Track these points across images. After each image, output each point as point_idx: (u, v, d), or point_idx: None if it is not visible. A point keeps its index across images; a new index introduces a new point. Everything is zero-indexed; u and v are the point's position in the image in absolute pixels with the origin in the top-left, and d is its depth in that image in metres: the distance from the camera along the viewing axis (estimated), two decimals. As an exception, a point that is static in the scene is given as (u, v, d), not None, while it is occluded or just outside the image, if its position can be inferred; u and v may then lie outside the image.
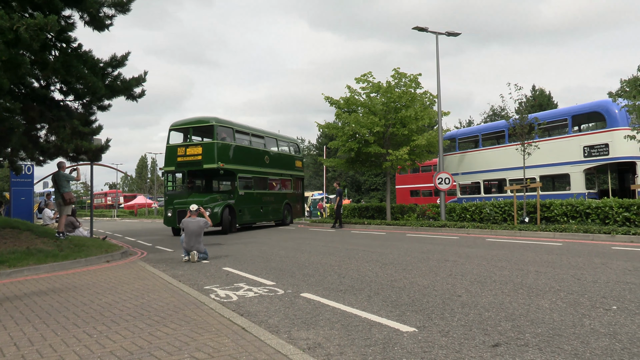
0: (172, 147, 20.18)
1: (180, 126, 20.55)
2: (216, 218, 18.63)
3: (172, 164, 19.99)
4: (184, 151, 19.75)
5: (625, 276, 6.77)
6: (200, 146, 19.73)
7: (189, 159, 19.62)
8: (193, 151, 19.62)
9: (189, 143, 19.93)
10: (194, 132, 20.19)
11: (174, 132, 20.61)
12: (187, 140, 20.26)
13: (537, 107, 44.34)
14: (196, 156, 19.53)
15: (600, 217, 14.14)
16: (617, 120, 17.31)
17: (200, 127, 20.23)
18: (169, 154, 20.09)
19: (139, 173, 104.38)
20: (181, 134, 20.67)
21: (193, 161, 19.60)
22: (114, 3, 12.14)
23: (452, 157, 24.60)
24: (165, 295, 6.30)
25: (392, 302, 5.61)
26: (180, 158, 19.74)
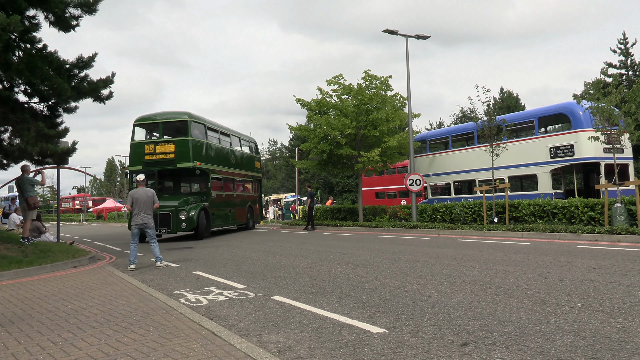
0: (138, 144, 18.40)
1: (148, 121, 18.73)
2: (192, 222, 17.38)
3: (138, 162, 18.17)
4: (153, 149, 18.10)
5: (590, 274, 6.95)
6: (172, 143, 18.20)
7: (159, 157, 18.01)
8: (164, 149, 18.05)
9: (159, 140, 18.30)
10: (164, 128, 18.60)
11: (140, 127, 18.82)
12: (154, 137, 18.69)
13: (505, 109, 45.23)
14: (168, 154, 17.99)
15: (567, 217, 14.50)
16: (582, 122, 17.79)
17: (171, 122, 18.59)
18: (135, 151, 18.34)
19: (108, 176, 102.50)
20: (148, 130, 19.09)
21: (164, 160, 17.99)
22: (80, 3, 11.92)
23: (422, 159, 24.88)
24: (133, 301, 6.18)
25: (362, 304, 5.63)
26: (149, 156, 18.07)
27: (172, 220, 17.00)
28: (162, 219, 16.90)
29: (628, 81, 35.04)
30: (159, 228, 16.69)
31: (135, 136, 18.56)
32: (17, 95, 12.51)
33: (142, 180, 10.57)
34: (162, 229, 16.94)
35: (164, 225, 16.97)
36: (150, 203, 10.30)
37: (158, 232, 16.27)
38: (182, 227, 17.08)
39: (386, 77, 21.16)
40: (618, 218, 12.65)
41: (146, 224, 10.22)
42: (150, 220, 10.26)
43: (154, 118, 18.64)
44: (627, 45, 36.57)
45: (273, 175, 74.63)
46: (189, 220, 17.24)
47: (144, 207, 10.19)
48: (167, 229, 17.03)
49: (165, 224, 17.01)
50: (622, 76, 35.87)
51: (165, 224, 17.01)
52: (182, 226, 17.07)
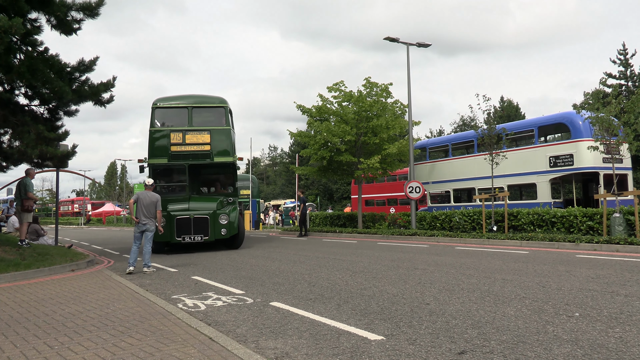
0: (161, 133, 15.24)
1: (173, 105, 15.68)
2: (233, 228, 14.65)
3: (162, 154, 14.99)
4: (182, 138, 15.04)
5: (588, 284, 6.94)
6: (207, 133, 15.23)
7: (189, 148, 15.05)
8: (196, 139, 15.10)
9: (190, 128, 15.20)
10: (195, 114, 15.48)
11: (162, 111, 15.67)
12: (182, 123, 15.42)
13: (506, 118, 45.32)
14: (201, 146, 15.11)
15: (565, 226, 14.49)
16: (581, 132, 17.83)
17: (204, 108, 15.75)
18: (157, 141, 15.11)
19: (108, 180, 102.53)
20: (171, 116, 15.93)
21: (197, 152, 15.09)
22: (82, 7, 11.96)
23: (422, 166, 24.90)
24: (131, 305, 6.17)
25: (361, 311, 5.62)
26: (176, 147, 14.99)
27: (210, 225, 14.33)
28: (197, 224, 14.21)
29: (627, 92, 35.14)
30: (192, 235, 14.12)
31: (156, 122, 15.47)
32: (18, 97, 12.54)
33: (151, 185, 10.73)
34: (198, 235, 14.19)
35: (200, 232, 14.22)
36: (151, 207, 10.34)
37: (192, 239, 14.08)
38: (221, 233, 14.43)
39: (387, 85, 21.21)
40: (617, 228, 12.65)
41: (146, 227, 10.26)
42: (150, 224, 10.30)
43: (181, 101, 15.65)
44: (626, 56, 36.70)
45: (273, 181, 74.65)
46: (229, 225, 14.61)
47: (145, 210, 10.25)
48: (204, 236, 14.23)
49: (202, 229, 14.25)
50: (621, 86, 35.95)
51: (201, 230, 14.24)
52: (221, 232, 14.42)
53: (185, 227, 14.01)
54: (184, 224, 14.00)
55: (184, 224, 14.03)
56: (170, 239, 13.99)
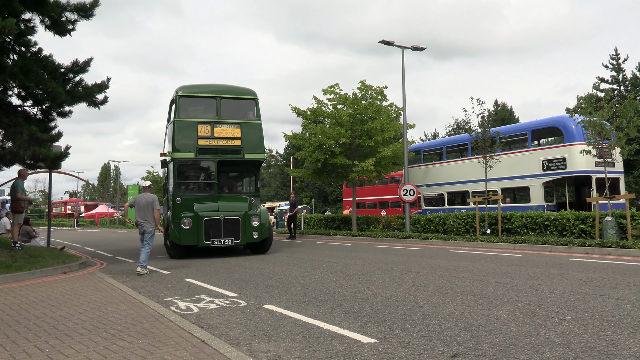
0: (187, 124, 13.75)
1: (199, 94, 14.42)
2: (265, 231, 13.58)
3: (188, 148, 13.63)
4: (210, 131, 13.73)
5: (580, 287, 6.97)
6: (237, 126, 14.05)
7: (219, 143, 13.78)
8: (226, 132, 13.85)
9: (219, 120, 13.97)
10: (224, 107, 14.22)
11: (187, 100, 14.21)
12: (209, 114, 14.23)
13: (500, 122, 45.50)
14: (231, 140, 13.90)
15: (558, 229, 14.56)
16: (574, 136, 17.93)
17: (234, 99, 14.52)
18: (183, 133, 13.65)
19: (102, 182, 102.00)
20: (199, 106, 14.66)
21: (226, 147, 13.85)
22: (77, 8, 11.93)
23: (417, 169, 24.96)
24: (123, 308, 6.14)
25: (354, 314, 5.61)
26: (204, 141, 13.67)
27: (242, 227, 13.14)
28: (228, 227, 13.00)
29: (620, 96, 35.38)
30: (223, 238, 12.92)
31: (181, 112, 13.91)
32: (11, 98, 12.49)
33: (148, 187, 10.92)
34: (228, 239, 12.97)
35: (230, 235, 13.01)
36: (147, 209, 10.43)
37: (222, 243, 12.95)
38: (253, 236, 13.24)
39: (382, 88, 21.25)
40: (609, 231, 12.72)
41: (143, 228, 10.47)
42: (147, 225, 10.42)
43: (209, 90, 14.47)
44: (618, 61, 36.96)
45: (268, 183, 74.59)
46: (261, 228, 13.42)
47: (140, 212, 10.41)
48: (235, 239, 13.06)
49: (232, 232, 13.05)
50: (613, 91, 36.21)
51: (232, 233, 13.03)
52: (253, 236, 13.23)
53: (214, 229, 12.88)
54: (213, 225, 12.89)
55: (213, 226, 12.89)
56: (198, 243, 12.81)
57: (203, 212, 12.94)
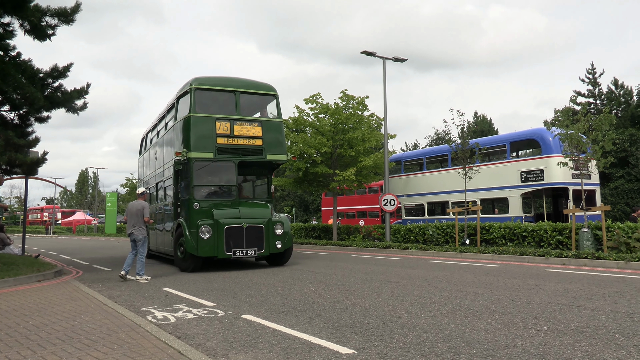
0: (205, 120, 12.43)
1: (218, 87, 12.98)
2: (289, 241, 12.55)
3: (206, 147, 12.30)
4: (230, 128, 12.52)
5: (557, 297, 7.06)
6: (258, 124, 12.96)
7: (239, 142, 12.59)
8: (246, 131, 12.70)
9: (239, 117, 12.77)
10: (243, 102, 13.09)
11: (203, 93, 12.84)
12: (227, 110, 12.97)
13: (479, 133, 46.09)
14: (252, 140, 12.74)
15: (536, 240, 14.75)
16: (552, 148, 18.24)
17: (253, 94, 13.41)
18: (200, 129, 12.34)
19: (79, 188, 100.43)
20: (216, 101, 13.32)
21: (247, 147, 12.68)
22: (57, 12, 11.79)
23: (397, 179, 25.10)
24: (98, 317, 6.03)
25: (333, 324, 5.60)
26: (224, 139, 12.42)
27: (265, 236, 12.02)
28: (250, 236, 11.85)
29: (596, 110, 36.14)
30: (245, 248, 11.78)
31: (197, 107, 12.54)
32: (-13, 103, 12.24)
33: (141, 194, 10.94)
34: (251, 249, 11.85)
35: (253, 244, 11.87)
36: (137, 216, 10.46)
37: (244, 254, 11.78)
38: (276, 246, 12.19)
39: (363, 98, 21.38)
40: (585, 243, 12.93)
41: (133, 236, 10.51)
42: (137, 232, 10.46)
43: (227, 84, 13.08)
44: (595, 75, 37.78)
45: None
46: (284, 237, 12.35)
47: (131, 219, 10.50)
48: (258, 250, 11.93)
49: (256, 242, 11.90)
50: (590, 105, 36.97)
51: (254, 243, 11.89)
52: (276, 245, 12.17)
53: (235, 238, 11.65)
54: (235, 234, 11.66)
55: (235, 235, 11.66)
56: (217, 254, 11.53)
57: (224, 220, 11.67)
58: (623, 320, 5.47)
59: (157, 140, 16.07)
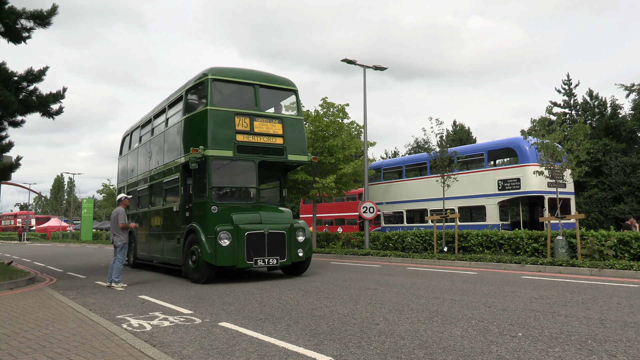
0: (224, 114, 11.36)
1: (236, 78, 11.87)
2: (310, 249, 11.67)
3: (225, 144, 11.23)
4: (249, 125, 11.50)
5: (532, 304, 7.16)
6: (279, 121, 12.00)
7: (260, 140, 11.60)
8: (266, 128, 11.75)
9: (259, 112, 11.85)
10: (262, 96, 12.09)
11: (221, 85, 11.79)
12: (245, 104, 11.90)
13: (458, 142, 46.63)
14: (273, 138, 11.78)
15: (512, 248, 14.95)
16: (528, 157, 18.56)
17: (272, 88, 12.39)
18: (218, 125, 11.24)
19: (55, 194, 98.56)
20: (234, 94, 12.23)
21: (268, 146, 11.70)
22: (33, 15, 11.63)
23: (377, 187, 25.22)
24: (72, 326, 5.91)
25: (310, 331, 5.58)
26: (243, 137, 11.39)
27: (287, 244, 11.12)
28: (272, 243, 10.91)
29: (571, 120, 36.89)
30: (266, 257, 10.78)
31: (215, 99, 11.45)
32: (-41, 106, 11.97)
33: (118, 200, 10.84)
34: (273, 257, 10.85)
35: (275, 252, 10.90)
36: (113, 223, 10.42)
37: (266, 263, 10.82)
38: (298, 255, 11.29)
39: (343, 105, 21.48)
40: (560, 250, 13.15)
41: (113, 242, 10.41)
42: (116, 239, 10.35)
43: (245, 76, 11.99)
44: (570, 86, 38.59)
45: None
46: (306, 244, 11.48)
47: (111, 225, 10.49)
48: (280, 258, 10.96)
49: (278, 250, 10.96)
50: (565, 115, 37.71)
51: (276, 251, 10.94)
52: (298, 254, 11.28)
53: (257, 246, 10.68)
54: (256, 241, 10.70)
55: (256, 242, 10.69)
56: (237, 263, 10.51)
57: (244, 225, 10.68)
58: (595, 327, 5.57)
59: (151, 137, 14.72)
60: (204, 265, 10.55)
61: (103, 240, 42.18)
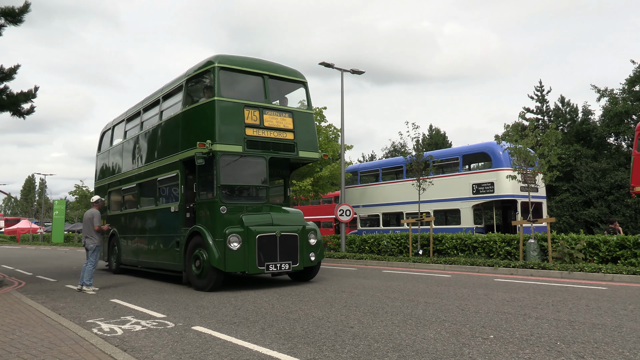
0: (232, 106, 10.42)
1: (245, 67, 10.96)
2: (322, 253, 11.02)
3: (235, 138, 10.33)
4: (259, 118, 10.63)
5: (504, 306, 7.27)
6: (289, 115, 11.18)
7: (270, 135, 10.76)
8: (277, 122, 10.89)
9: (269, 105, 10.99)
10: (271, 88, 11.26)
11: (229, 74, 10.76)
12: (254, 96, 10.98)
13: (434, 146, 47.16)
14: (284, 133, 10.96)
15: (486, 251, 15.16)
16: (501, 161, 18.87)
17: (282, 80, 11.55)
18: (226, 117, 10.31)
19: (25, 195, 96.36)
20: (242, 84, 11.27)
21: (278, 141, 10.85)
22: (4, 12, 11.36)
23: (354, 190, 25.31)
24: (40, 331, 5.77)
25: (285, 335, 5.57)
26: (253, 131, 10.51)
27: (300, 247, 10.34)
28: (284, 246, 10.11)
29: (544, 125, 37.65)
30: (279, 262, 9.96)
31: (223, 89, 10.41)
32: None
33: (94, 202, 10.63)
34: (285, 262, 10.03)
35: (287, 257, 10.10)
36: (88, 225, 10.21)
37: (278, 268, 9.98)
38: (310, 259, 10.51)
39: (321, 109, 21.54)
40: (531, 253, 13.38)
41: (85, 245, 10.21)
42: (88, 241, 10.15)
43: (253, 65, 11.12)
44: (543, 93, 39.40)
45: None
46: (317, 247, 10.74)
47: (84, 227, 10.29)
48: (292, 263, 10.18)
49: (290, 254, 10.17)
50: (538, 120, 38.49)
51: (288, 255, 10.14)
52: (310, 258, 10.51)
53: (268, 249, 9.88)
54: (268, 245, 9.89)
55: (268, 246, 9.88)
56: (248, 269, 9.67)
57: (255, 227, 9.86)
58: (564, 328, 5.68)
59: (140, 132, 13.54)
60: (210, 271, 9.63)
61: (75, 242, 41.35)
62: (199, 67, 11.00)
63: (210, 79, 10.58)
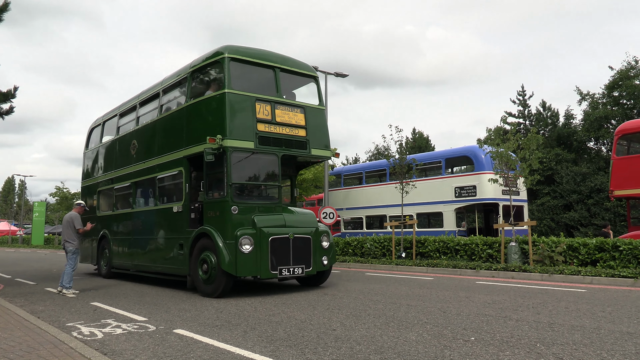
0: (243, 100, 9.88)
1: (255, 59, 10.40)
2: (334, 257, 10.62)
3: (246, 134, 9.71)
4: (270, 113, 10.09)
5: (485, 309, 7.34)
6: (301, 111, 10.65)
7: (282, 131, 10.19)
8: (289, 118, 10.38)
9: (281, 99, 10.44)
10: (283, 82, 10.70)
11: (239, 66, 10.22)
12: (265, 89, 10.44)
13: (417, 149, 47.47)
14: (296, 129, 10.42)
15: (468, 254, 15.28)
16: (483, 165, 19.07)
17: (293, 74, 11.03)
18: (236, 111, 9.75)
19: (5, 197, 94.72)
20: (252, 77, 10.79)
21: (290, 138, 10.32)
22: (-17, 11, 11.16)
23: (337, 193, 25.35)
24: (18, 334, 5.68)
25: (267, 337, 5.55)
26: (264, 126, 9.94)
27: (313, 250, 9.87)
28: (297, 249, 9.62)
29: (525, 130, 38.15)
30: (292, 265, 9.45)
31: (233, 82, 9.84)
32: None
33: (76, 205, 10.62)
34: (298, 266, 9.54)
35: (300, 260, 9.61)
36: (67, 227, 10.14)
37: (291, 272, 9.47)
38: (323, 263, 10.05)
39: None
40: (512, 256, 13.53)
41: (65, 248, 10.16)
42: (67, 244, 10.12)
43: (264, 57, 10.56)
44: (524, 97, 39.94)
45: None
46: (330, 250, 10.31)
47: (64, 230, 10.24)
48: (305, 267, 9.67)
49: (302, 257, 9.68)
50: (520, 125, 39.00)
51: (301, 258, 9.65)
52: (322, 262, 10.04)
53: (281, 252, 9.36)
54: (280, 247, 9.38)
55: (280, 248, 9.37)
56: (260, 273, 9.13)
57: (268, 228, 9.34)
58: (544, 330, 5.76)
59: (136, 127, 12.87)
60: (219, 276, 9.05)
61: (55, 245, 40.74)
62: (206, 57, 10.42)
63: (220, 71, 10.02)
